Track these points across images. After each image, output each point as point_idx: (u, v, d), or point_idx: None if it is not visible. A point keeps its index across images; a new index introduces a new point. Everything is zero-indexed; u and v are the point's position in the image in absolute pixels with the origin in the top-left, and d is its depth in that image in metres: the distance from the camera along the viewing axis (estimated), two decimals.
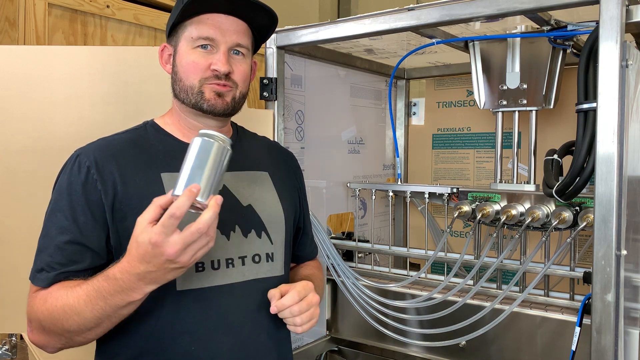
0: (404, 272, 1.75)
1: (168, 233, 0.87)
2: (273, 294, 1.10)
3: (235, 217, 1.16)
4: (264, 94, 1.69)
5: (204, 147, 0.94)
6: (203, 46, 1.13)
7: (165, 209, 0.89)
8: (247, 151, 1.28)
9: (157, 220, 0.89)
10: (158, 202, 0.91)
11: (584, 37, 1.37)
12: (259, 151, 1.31)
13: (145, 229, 0.89)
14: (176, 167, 1.13)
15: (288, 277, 1.26)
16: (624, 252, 1.14)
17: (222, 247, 1.12)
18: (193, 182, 0.90)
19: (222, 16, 1.15)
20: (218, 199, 0.91)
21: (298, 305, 1.08)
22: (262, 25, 1.22)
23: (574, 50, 1.52)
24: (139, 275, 0.92)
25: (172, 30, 1.18)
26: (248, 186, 1.21)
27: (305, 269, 1.36)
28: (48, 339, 1.04)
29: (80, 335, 1.01)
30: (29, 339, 1.06)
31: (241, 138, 1.29)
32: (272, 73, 1.69)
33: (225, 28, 1.14)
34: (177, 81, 1.16)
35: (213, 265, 1.10)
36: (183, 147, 1.17)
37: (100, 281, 0.96)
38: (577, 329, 1.29)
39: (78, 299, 0.97)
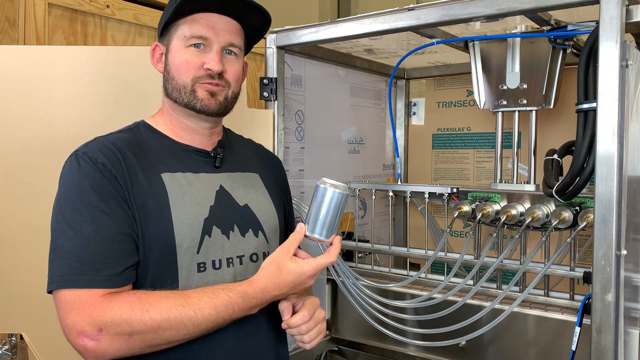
0: (404, 272, 1.75)
1: (316, 275, 1.10)
2: (284, 307, 1.13)
3: (234, 216, 1.17)
4: (264, 94, 1.69)
5: (332, 196, 1.10)
6: (196, 45, 1.13)
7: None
8: (238, 153, 1.29)
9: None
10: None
11: (584, 37, 1.36)
12: (248, 153, 1.33)
13: (295, 262, 1.08)
14: (174, 167, 1.14)
15: None
16: (624, 252, 1.14)
17: (222, 246, 1.13)
18: (330, 227, 1.11)
19: (216, 16, 1.15)
20: (338, 240, 1.13)
21: (306, 325, 1.12)
22: (255, 25, 1.22)
23: (574, 50, 1.52)
24: (277, 296, 1.08)
25: (164, 30, 1.18)
26: (243, 187, 1.22)
27: None
28: (125, 347, 0.96)
29: (169, 344, 1.00)
30: (89, 347, 0.94)
31: (230, 140, 1.30)
32: (272, 73, 1.69)
33: (218, 27, 1.14)
34: (169, 80, 1.16)
35: (214, 265, 1.11)
36: (179, 147, 1.18)
37: (232, 297, 1.02)
38: (577, 329, 1.29)
39: (202, 311, 0.99)
